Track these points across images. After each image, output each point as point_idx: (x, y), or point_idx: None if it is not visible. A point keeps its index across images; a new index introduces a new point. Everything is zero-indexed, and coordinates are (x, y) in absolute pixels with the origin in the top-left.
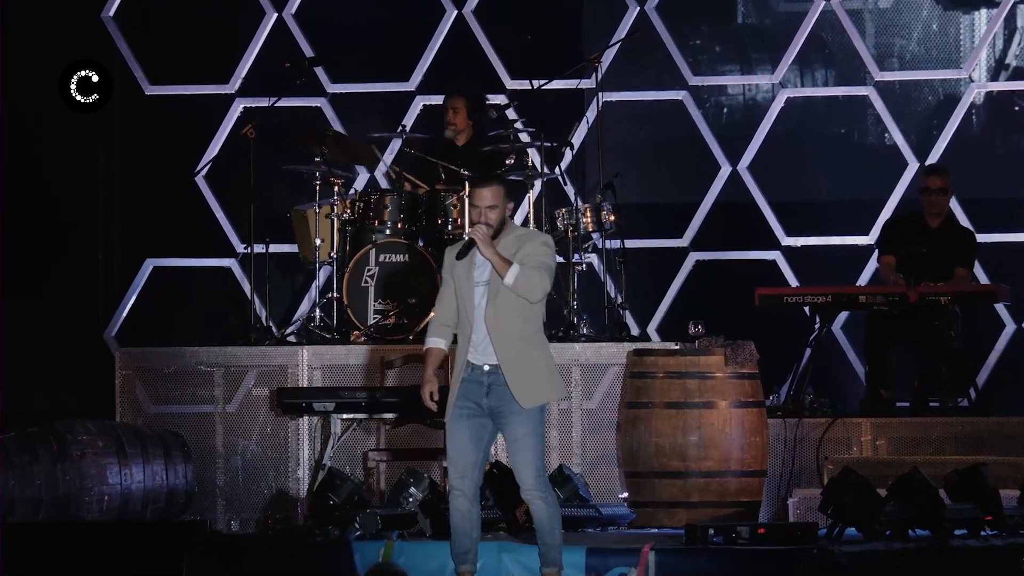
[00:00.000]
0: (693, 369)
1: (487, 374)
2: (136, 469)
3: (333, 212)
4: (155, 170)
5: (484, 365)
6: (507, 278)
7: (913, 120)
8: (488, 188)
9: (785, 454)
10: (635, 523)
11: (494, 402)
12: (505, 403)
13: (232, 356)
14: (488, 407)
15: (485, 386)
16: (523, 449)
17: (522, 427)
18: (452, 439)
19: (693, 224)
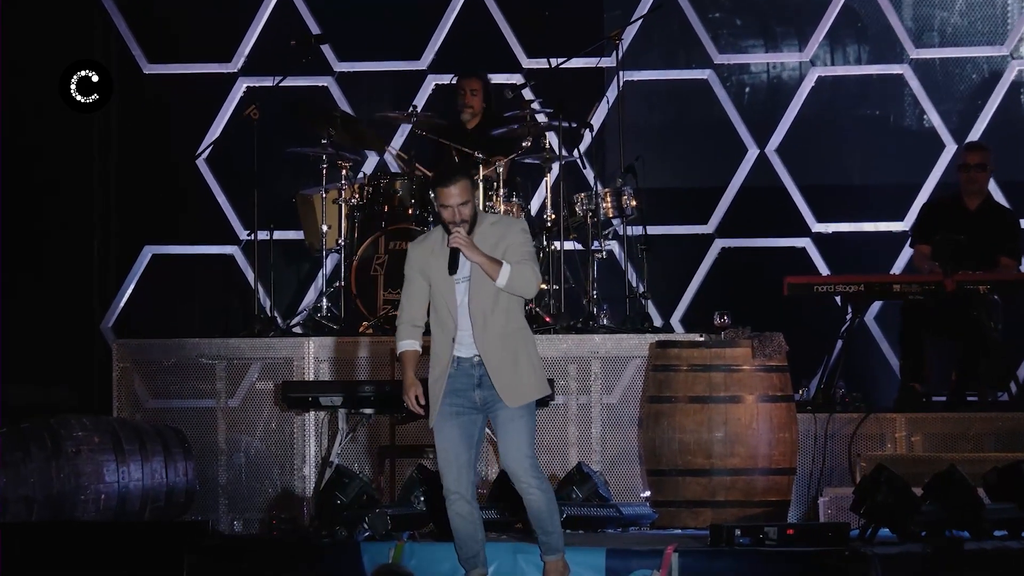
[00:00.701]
0: (719, 362)
1: (477, 365)
2: (134, 467)
3: (341, 197)
4: (154, 153)
5: (473, 356)
6: (499, 280)
7: (951, 100)
8: (455, 185)
9: (815, 451)
10: (657, 523)
11: (487, 392)
12: (494, 392)
13: (235, 348)
14: (481, 398)
15: (476, 377)
16: (515, 433)
17: (512, 412)
18: (442, 440)
19: (718, 210)
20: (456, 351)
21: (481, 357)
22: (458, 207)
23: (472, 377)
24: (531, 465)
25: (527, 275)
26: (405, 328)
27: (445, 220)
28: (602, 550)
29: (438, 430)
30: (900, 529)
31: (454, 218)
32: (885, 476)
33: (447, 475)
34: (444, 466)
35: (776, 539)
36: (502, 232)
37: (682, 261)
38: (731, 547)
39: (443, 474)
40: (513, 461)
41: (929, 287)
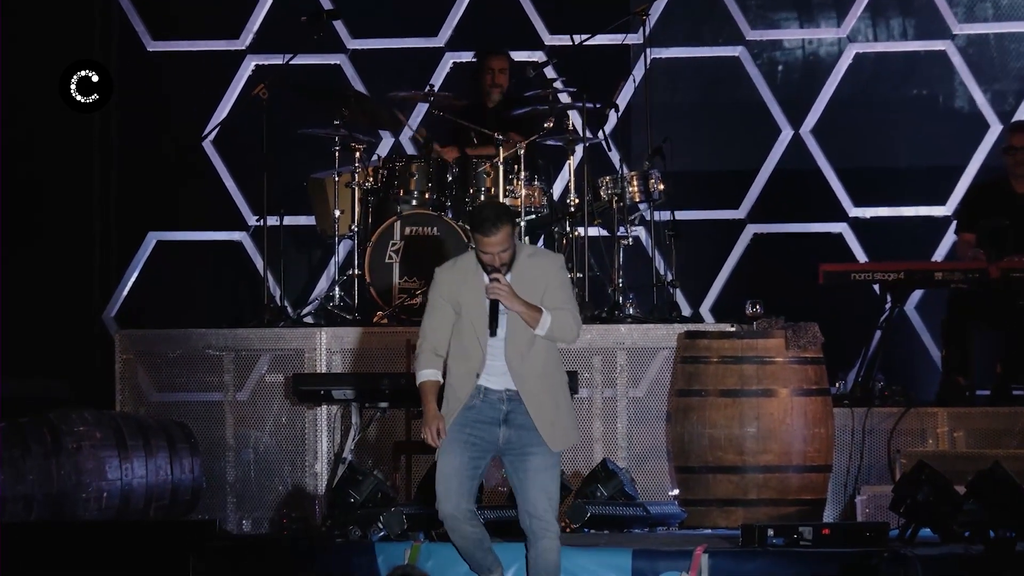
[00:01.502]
0: (751, 353)
1: (507, 400)
2: (138, 463)
3: (354, 180)
4: (158, 134)
5: (504, 390)
6: (539, 329)
7: (997, 78)
8: (498, 234)
9: (852, 447)
10: (686, 523)
11: (514, 433)
12: (528, 434)
13: (243, 339)
14: (505, 437)
15: (503, 413)
16: (549, 481)
17: (546, 458)
18: (448, 466)
19: (751, 194)
20: (484, 382)
21: (520, 395)
22: (499, 254)
23: (499, 412)
24: (554, 510)
25: (568, 323)
26: (427, 356)
27: (483, 263)
28: (628, 551)
29: (445, 455)
30: (942, 529)
31: (493, 263)
32: (926, 473)
33: (446, 502)
34: (444, 492)
35: (811, 540)
36: (541, 269)
37: (712, 248)
38: (764, 548)
39: (441, 500)
40: (544, 511)
41: (973, 275)
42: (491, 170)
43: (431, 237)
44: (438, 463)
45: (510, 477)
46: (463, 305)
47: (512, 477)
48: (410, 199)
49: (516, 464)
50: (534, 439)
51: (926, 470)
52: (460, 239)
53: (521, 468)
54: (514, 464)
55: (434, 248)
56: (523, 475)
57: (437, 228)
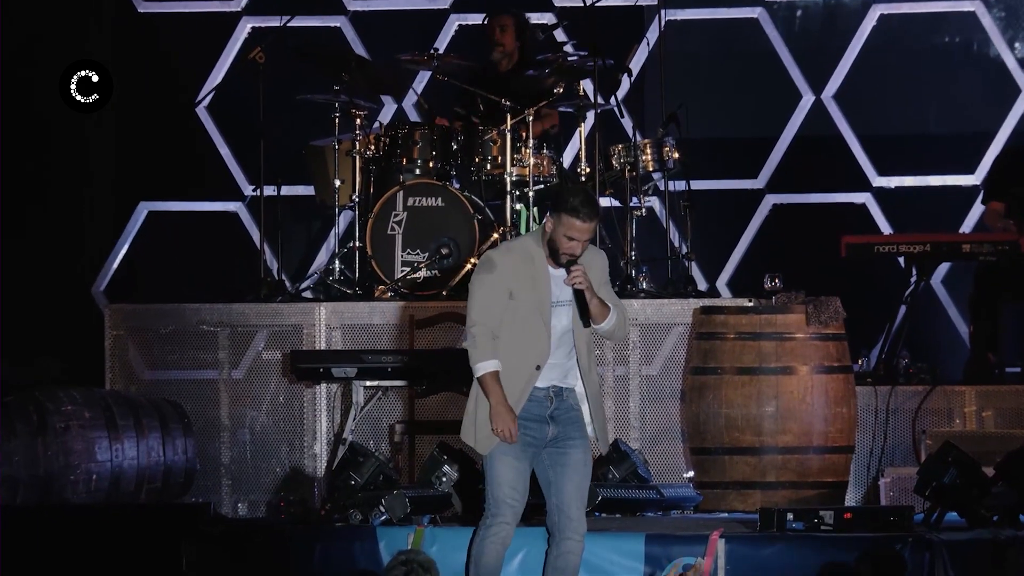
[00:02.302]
0: (769, 329)
1: (553, 396)
2: (128, 444)
3: (355, 148)
4: (150, 100)
5: (549, 387)
6: (605, 324)
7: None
8: (592, 222)
9: (876, 427)
10: (702, 507)
11: (560, 427)
12: (571, 428)
13: (239, 314)
14: (553, 434)
15: (548, 409)
16: (581, 476)
17: (585, 454)
18: (512, 471)
19: (769, 162)
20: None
21: (586, 391)
22: (582, 243)
23: (544, 409)
24: (584, 514)
25: (624, 321)
26: (486, 342)
27: (561, 249)
28: (641, 535)
29: (506, 459)
30: (969, 513)
31: (575, 251)
32: (953, 455)
33: (507, 508)
34: (507, 497)
35: (832, 524)
36: (594, 262)
37: (729, 219)
38: (783, 532)
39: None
40: (576, 508)
41: (1003, 247)
42: (498, 138)
43: (435, 208)
44: (497, 465)
45: (543, 472)
46: (524, 292)
47: (547, 472)
48: (413, 168)
49: (555, 459)
50: (574, 434)
51: (953, 451)
52: (465, 210)
53: (559, 463)
54: (552, 459)
55: (438, 219)
56: (560, 470)
57: (442, 199)
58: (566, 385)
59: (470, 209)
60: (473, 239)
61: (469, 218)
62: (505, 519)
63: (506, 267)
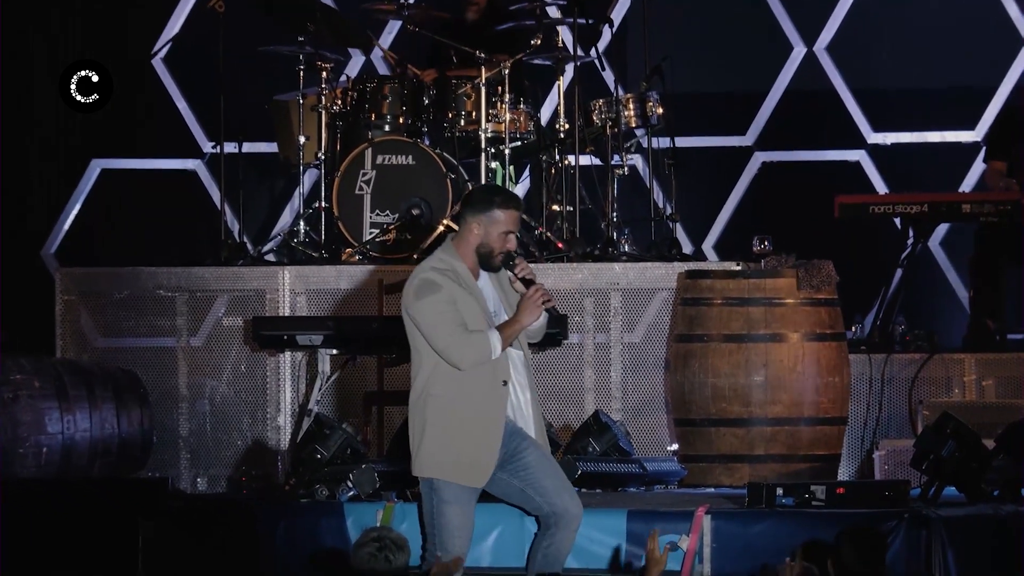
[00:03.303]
0: (758, 294)
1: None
2: (81, 415)
3: (321, 103)
4: (103, 51)
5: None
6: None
7: None
8: (521, 210)
9: (870, 397)
10: (687, 481)
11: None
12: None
13: (198, 278)
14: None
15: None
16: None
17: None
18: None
19: (759, 118)
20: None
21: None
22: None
23: None
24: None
25: None
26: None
27: (497, 250)
28: (623, 512)
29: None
30: (969, 488)
31: (508, 247)
32: (951, 426)
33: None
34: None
35: (824, 499)
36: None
37: (716, 178)
38: (772, 508)
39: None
40: (569, 497)
41: (1004, 207)
42: (472, 92)
43: (406, 166)
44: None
45: (508, 488)
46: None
47: (512, 484)
48: (383, 124)
49: (514, 469)
50: (521, 443)
51: (951, 422)
52: (437, 168)
53: (521, 467)
54: (511, 473)
55: (409, 178)
56: (525, 474)
57: (412, 156)
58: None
59: (443, 167)
60: (446, 199)
61: (441, 177)
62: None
63: (447, 284)
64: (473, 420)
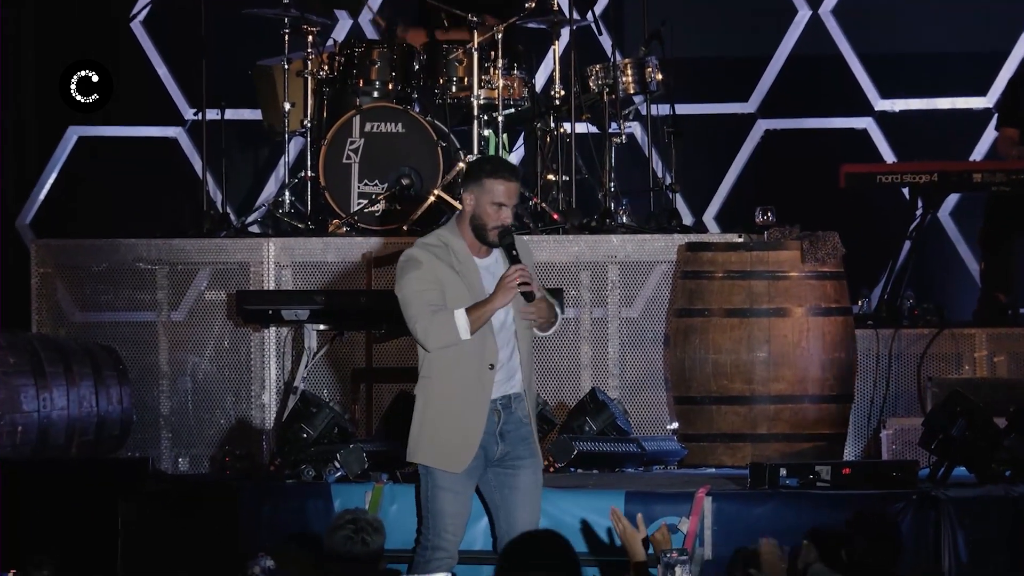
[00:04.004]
0: (761, 267)
1: (503, 409)
2: (58, 393)
3: (306, 68)
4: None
5: (497, 400)
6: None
7: None
8: (515, 183)
9: (877, 374)
10: (687, 461)
11: (509, 446)
12: (521, 446)
13: (179, 251)
14: (501, 452)
15: (499, 425)
16: (534, 499)
17: (535, 474)
18: (456, 502)
19: (762, 84)
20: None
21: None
22: (511, 208)
23: (495, 424)
24: None
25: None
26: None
27: (489, 224)
28: (620, 493)
29: (452, 488)
30: (979, 468)
31: (502, 220)
32: (961, 404)
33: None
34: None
35: (829, 480)
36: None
37: (718, 146)
38: (775, 489)
39: (442, 538)
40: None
41: (1017, 176)
42: (464, 57)
43: (395, 134)
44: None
45: (491, 494)
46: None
47: (493, 493)
48: (371, 90)
49: (502, 480)
50: (523, 453)
51: (962, 400)
52: (428, 136)
53: (510, 486)
54: (500, 480)
55: (399, 147)
56: (511, 494)
57: (402, 124)
58: (511, 392)
59: (433, 135)
60: (437, 168)
61: (432, 145)
62: (447, 551)
63: (432, 262)
64: (457, 404)
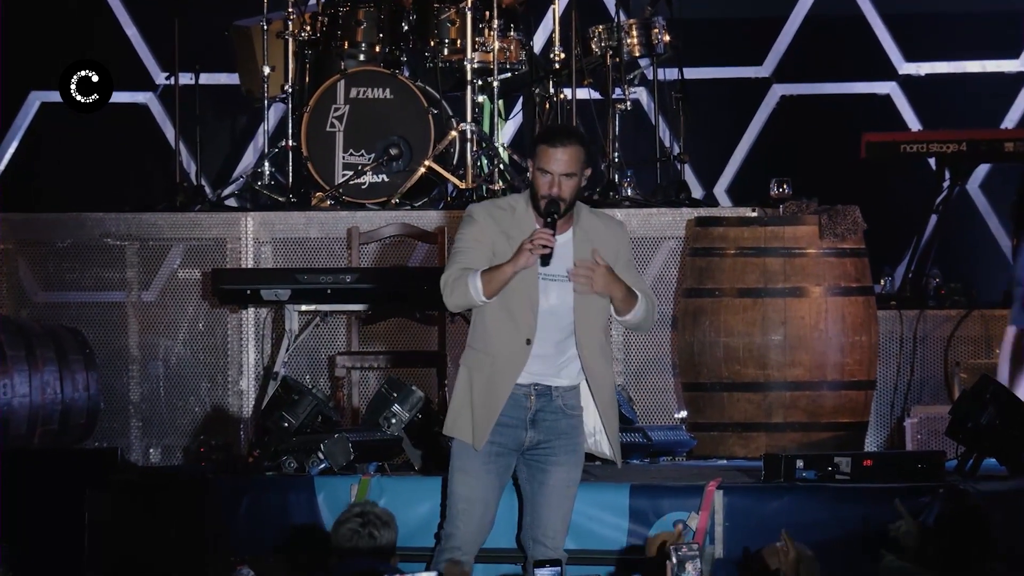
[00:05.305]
0: (776, 244)
1: (537, 396)
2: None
3: (287, 29)
4: None
5: (533, 384)
6: (632, 315)
7: None
8: (565, 148)
9: (901, 359)
10: (696, 452)
11: (542, 435)
12: (558, 440)
13: (150, 225)
14: (532, 441)
15: (531, 412)
16: (567, 499)
17: (573, 471)
18: (471, 487)
19: (777, 46)
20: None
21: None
22: (560, 177)
23: (524, 411)
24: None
25: (652, 313)
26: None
27: (539, 192)
28: (625, 486)
29: (467, 469)
30: (1010, 459)
31: (551, 188)
32: (991, 391)
33: (462, 529)
34: (463, 518)
35: (849, 472)
36: (612, 235)
37: (729, 113)
38: (791, 482)
39: (454, 525)
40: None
41: None
42: (457, 18)
43: (382, 100)
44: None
45: (523, 484)
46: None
47: (525, 486)
48: (357, 53)
49: (534, 475)
50: (560, 448)
51: (991, 386)
52: (418, 103)
53: (539, 480)
54: (532, 474)
55: (386, 114)
56: (539, 489)
57: (390, 89)
58: (556, 384)
59: (424, 102)
60: (427, 137)
61: (423, 112)
62: (456, 543)
63: (486, 222)
64: (485, 377)
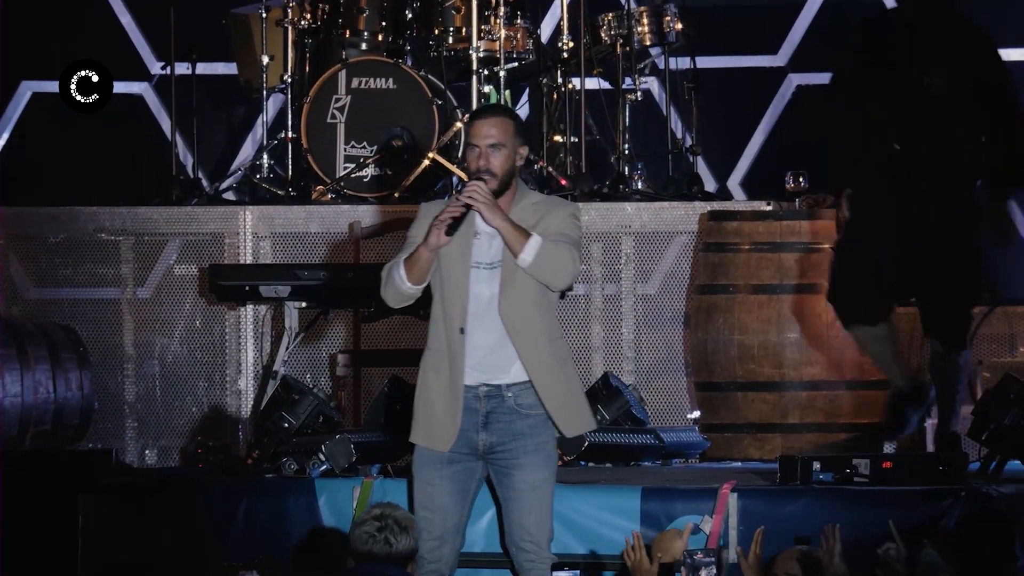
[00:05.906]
0: (792, 239)
1: (485, 398)
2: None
3: (287, 17)
4: None
5: (480, 386)
6: (524, 254)
7: None
8: (490, 120)
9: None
10: (710, 454)
11: (496, 437)
12: (513, 438)
13: (146, 220)
14: (486, 445)
15: (481, 415)
16: (538, 500)
17: (539, 471)
18: (428, 496)
19: (792, 35)
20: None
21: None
22: (487, 149)
23: (476, 414)
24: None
25: (563, 256)
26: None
27: (469, 166)
28: (637, 489)
29: (422, 477)
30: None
31: (479, 162)
32: (1016, 391)
33: (428, 537)
34: (424, 526)
35: (868, 475)
36: (544, 212)
37: (744, 104)
38: (807, 485)
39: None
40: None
41: None
42: (462, 5)
43: (385, 91)
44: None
45: (495, 488)
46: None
47: (497, 490)
48: (358, 42)
49: (501, 479)
50: (521, 449)
51: (1016, 386)
52: (421, 93)
53: (506, 485)
54: (499, 478)
55: (389, 105)
56: (508, 494)
57: (393, 79)
58: (506, 381)
59: (428, 92)
60: (431, 128)
61: (426, 103)
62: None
63: (428, 213)
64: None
